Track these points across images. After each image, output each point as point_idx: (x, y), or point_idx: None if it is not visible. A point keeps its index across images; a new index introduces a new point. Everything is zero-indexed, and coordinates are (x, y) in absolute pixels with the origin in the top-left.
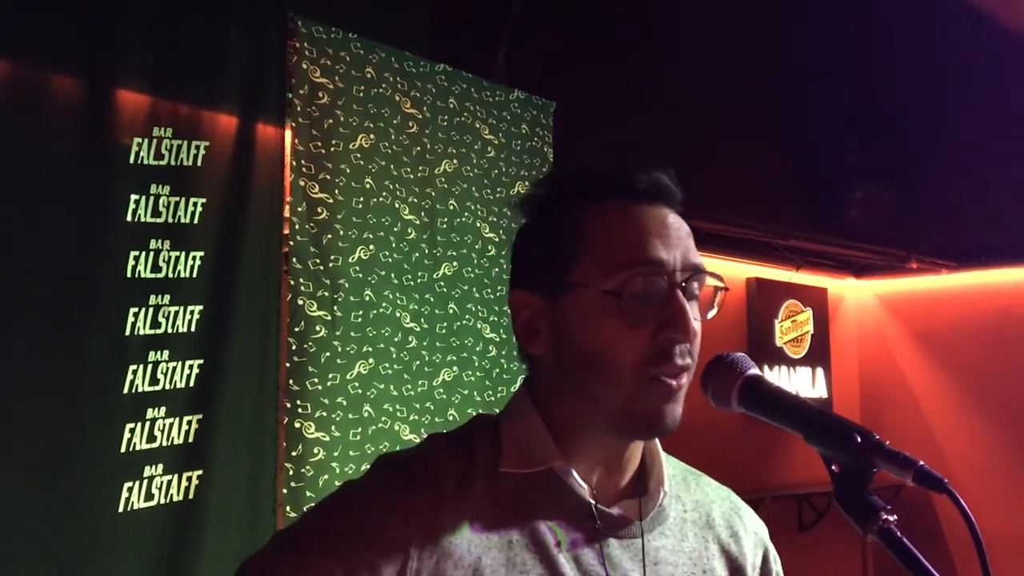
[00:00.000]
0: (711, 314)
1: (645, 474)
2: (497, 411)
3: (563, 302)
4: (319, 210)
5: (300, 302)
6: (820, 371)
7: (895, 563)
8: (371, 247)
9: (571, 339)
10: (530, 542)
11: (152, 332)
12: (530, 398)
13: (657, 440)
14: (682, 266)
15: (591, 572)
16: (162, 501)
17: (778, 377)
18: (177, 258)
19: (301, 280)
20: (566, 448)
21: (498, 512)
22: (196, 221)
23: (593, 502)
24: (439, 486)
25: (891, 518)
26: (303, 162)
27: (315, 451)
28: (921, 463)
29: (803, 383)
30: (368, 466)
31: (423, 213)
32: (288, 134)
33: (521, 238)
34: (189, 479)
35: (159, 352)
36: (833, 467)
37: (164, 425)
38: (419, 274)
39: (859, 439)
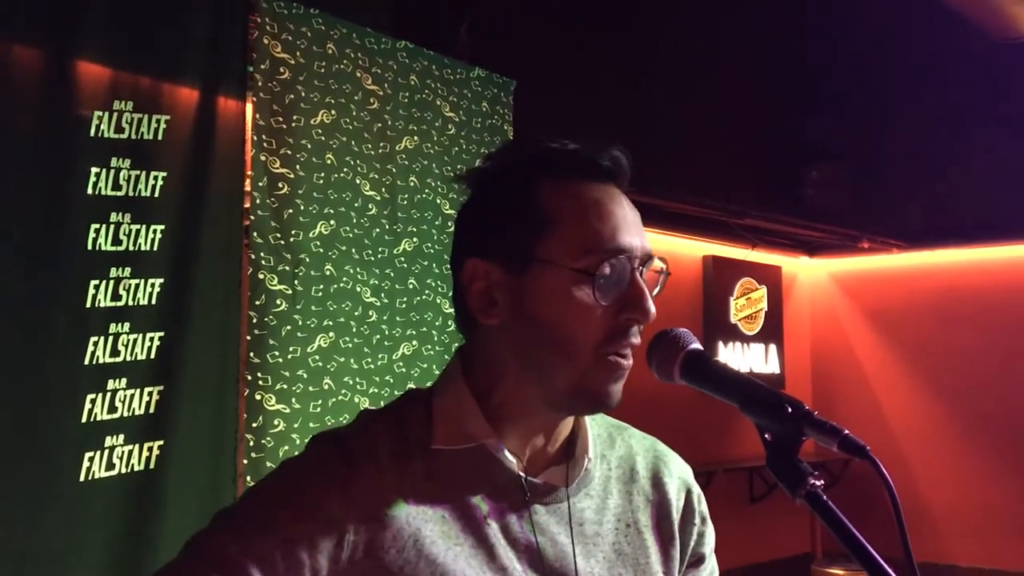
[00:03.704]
0: (655, 294)
1: (572, 440)
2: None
3: (527, 276)
4: (280, 185)
5: (261, 276)
6: (773, 347)
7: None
8: (332, 222)
9: (533, 312)
10: (461, 515)
11: (113, 304)
12: (462, 372)
13: None
14: (641, 252)
15: (520, 539)
16: (123, 471)
17: (732, 353)
18: (138, 231)
19: (262, 254)
20: (499, 422)
21: (432, 487)
22: (157, 195)
23: (522, 475)
24: (376, 461)
25: (818, 483)
26: (264, 137)
27: (275, 423)
28: (846, 432)
29: (756, 359)
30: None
31: (384, 189)
32: (249, 109)
33: (475, 207)
34: (150, 449)
35: (120, 324)
36: (766, 436)
37: (125, 396)
38: (380, 249)
39: (789, 409)
